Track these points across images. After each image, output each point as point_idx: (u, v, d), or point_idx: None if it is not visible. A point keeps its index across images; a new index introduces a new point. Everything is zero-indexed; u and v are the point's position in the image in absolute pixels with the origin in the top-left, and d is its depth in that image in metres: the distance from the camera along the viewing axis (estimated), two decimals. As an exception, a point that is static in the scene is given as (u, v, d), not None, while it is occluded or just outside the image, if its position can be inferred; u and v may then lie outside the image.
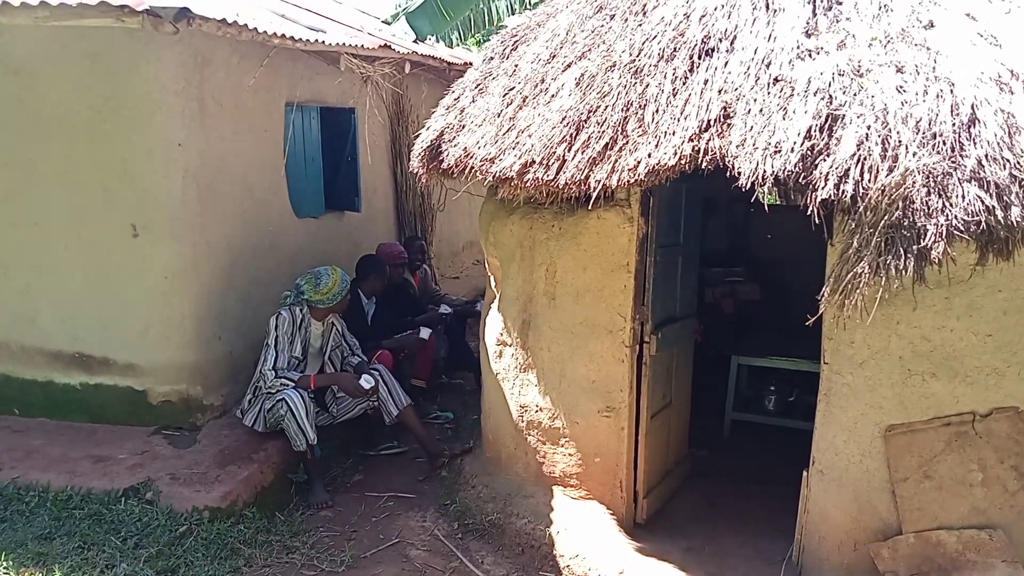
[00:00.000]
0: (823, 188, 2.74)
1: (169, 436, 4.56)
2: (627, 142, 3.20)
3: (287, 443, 4.41)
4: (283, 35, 4.30)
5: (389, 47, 5.51)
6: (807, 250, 3.88)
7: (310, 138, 5.88)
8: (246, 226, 5.04)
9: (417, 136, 4.23)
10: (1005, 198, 2.60)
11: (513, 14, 8.67)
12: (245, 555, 3.80)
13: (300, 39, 4.46)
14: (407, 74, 6.23)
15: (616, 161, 3.18)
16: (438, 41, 7.70)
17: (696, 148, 3.03)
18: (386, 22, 7.77)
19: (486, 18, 8.51)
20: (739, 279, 5.90)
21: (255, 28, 4.05)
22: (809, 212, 2.79)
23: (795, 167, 2.80)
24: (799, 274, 4.09)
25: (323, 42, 4.71)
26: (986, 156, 2.64)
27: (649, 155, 3.10)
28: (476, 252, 9.08)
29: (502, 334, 4.16)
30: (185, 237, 4.55)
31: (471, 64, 6.79)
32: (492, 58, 4.16)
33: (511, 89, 3.78)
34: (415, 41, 7.02)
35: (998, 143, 2.66)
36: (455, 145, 3.78)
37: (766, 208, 2.92)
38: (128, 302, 4.57)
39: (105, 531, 3.77)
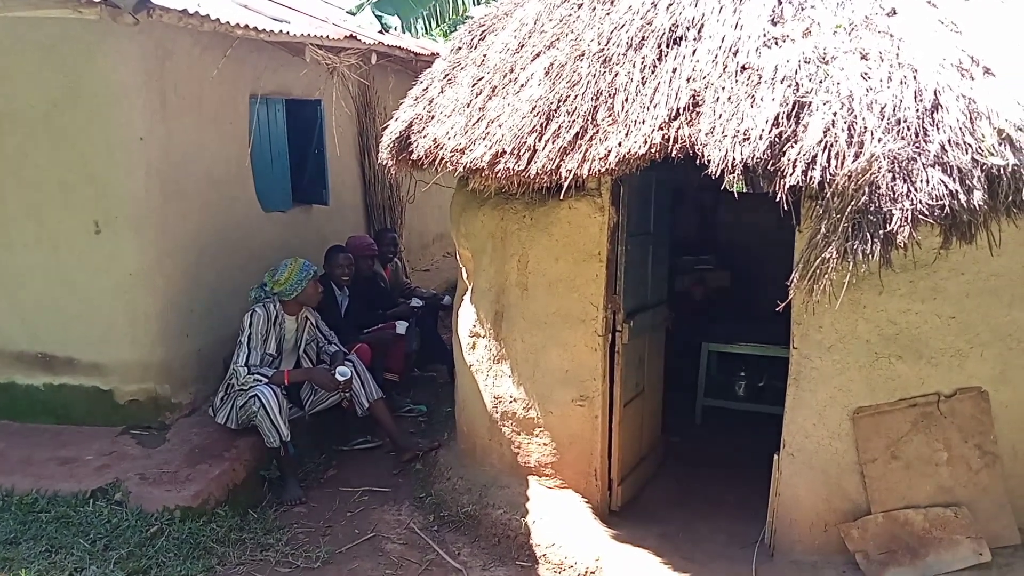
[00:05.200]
0: (791, 175, 2.77)
1: (137, 436, 4.48)
2: (597, 131, 3.20)
3: (259, 440, 4.36)
4: (246, 25, 4.23)
5: (355, 38, 5.45)
6: (774, 237, 3.94)
7: (276, 131, 5.81)
8: (212, 221, 4.96)
9: (385, 128, 4.19)
10: (968, 182, 2.65)
11: (478, 4, 8.65)
12: (218, 554, 3.76)
13: (264, 30, 4.40)
14: (373, 65, 6.17)
15: (587, 150, 3.18)
16: (404, 31, 7.63)
17: (666, 136, 3.04)
18: (351, 12, 7.68)
19: (451, 8, 8.45)
20: (708, 267, 5.96)
21: (217, 19, 3.98)
22: (778, 199, 2.82)
23: (764, 154, 2.83)
24: (767, 261, 4.13)
25: (287, 32, 4.65)
26: (949, 141, 2.69)
27: (620, 144, 3.10)
28: (446, 244, 9.05)
29: (475, 326, 4.15)
30: (149, 233, 4.47)
31: (438, 55, 6.74)
32: (460, 48, 4.14)
33: (480, 79, 3.76)
34: (381, 32, 6.95)
35: (960, 128, 2.71)
36: (425, 136, 3.76)
37: (736, 195, 2.94)
38: (92, 300, 4.48)
39: (73, 534, 3.70)
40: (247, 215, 5.40)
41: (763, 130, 2.85)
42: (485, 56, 3.89)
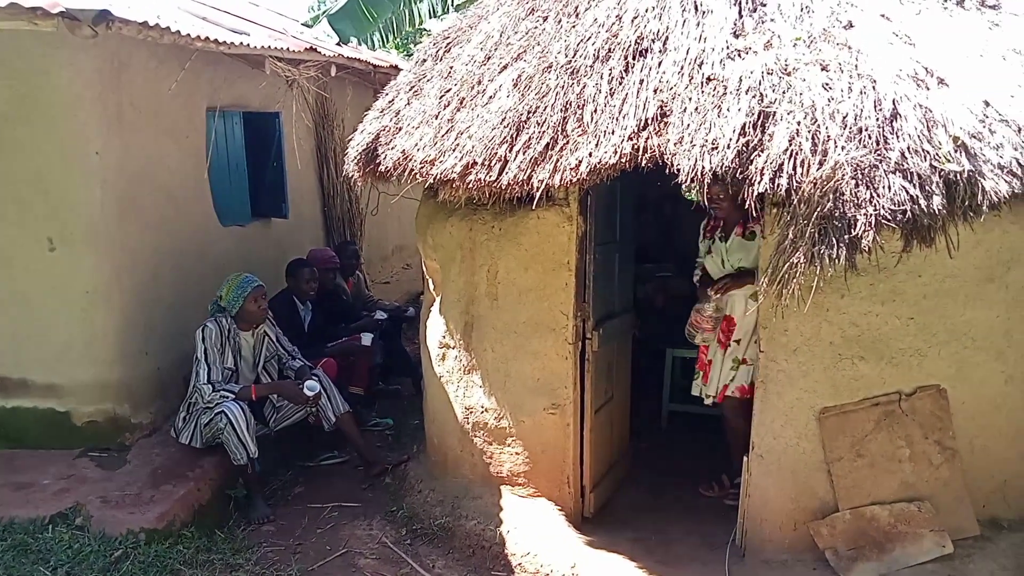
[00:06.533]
0: (759, 182, 2.84)
1: (96, 458, 4.35)
2: (568, 142, 3.24)
3: (223, 458, 4.28)
4: (206, 38, 4.17)
5: (315, 50, 5.42)
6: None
7: (233, 144, 5.73)
8: (169, 236, 4.87)
9: (349, 140, 4.18)
10: (927, 188, 2.76)
11: (435, 16, 8.67)
12: (186, 576, 3.67)
13: (224, 42, 4.34)
14: (332, 77, 6.13)
15: (558, 161, 3.21)
16: (360, 44, 7.60)
17: (635, 146, 3.10)
18: (306, 24, 7.62)
19: (407, 20, 8.45)
20: (669, 275, 6.04)
21: (178, 31, 3.92)
22: (747, 206, 2.89)
23: (732, 163, 2.90)
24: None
25: (247, 45, 4.59)
26: (908, 149, 2.80)
27: (590, 154, 3.15)
28: (406, 256, 9.02)
29: (444, 337, 4.15)
30: (105, 249, 4.37)
31: (396, 67, 6.76)
32: (425, 60, 4.15)
33: (447, 91, 3.77)
34: (338, 44, 6.92)
35: (918, 136, 2.82)
36: (392, 148, 3.75)
37: (706, 203, 3.02)
38: (46, 319, 4.35)
39: (32, 561, 3.56)
40: (205, 230, 5.32)
41: (730, 139, 2.92)
42: (452, 68, 3.91)
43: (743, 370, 3.94)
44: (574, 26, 3.63)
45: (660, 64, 3.30)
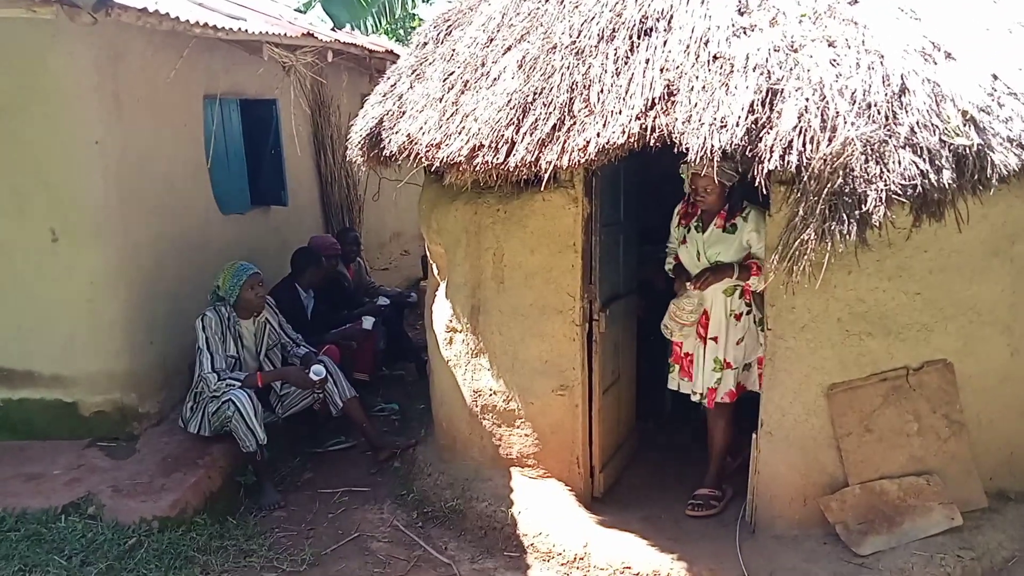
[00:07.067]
0: (769, 160, 2.85)
1: (105, 447, 4.36)
2: (575, 123, 3.23)
3: (232, 446, 4.29)
4: (205, 24, 4.15)
5: (312, 35, 5.39)
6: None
7: (231, 131, 5.70)
8: (170, 225, 4.85)
9: (351, 125, 4.17)
10: (937, 162, 2.77)
11: (426, 1, 8.63)
12: (201, 562, 3.68)
13: (223, 28, 4.33)
14: (328, 63, 6.10)
15: (565, 142, 3.20)
16: (353, 29, 7.56)
17: (643, 126, 3.09)
18: (299, 10, 7.57)
19: (400, 5, 8.41)
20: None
21: (176, 17, 3.90)
22: (757, 183, 2.90)
23: (741, 140, 2.89)
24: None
25: (246, 31, 4.57)
26: (917, 123, 2.81)
27: (598, 135, 3.14)
28: (404, 242, 9.01)
29: (451, 320, 4.15)
30: (109, 240, 4.35)
31: (392, 52, 6.73)
32: (426, 43, 4.13)
33: (451, 74, 3.75)
34: (333, 29, 6.88)
35: (927, 111, 2.83)
36: (397, 132, 3.74)
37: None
38: (51, 311, 4.34)
39: (47, 551, 3.58)
40: (206, 218, 5.30)
41: (739, 117, 2.92)
42: (454, 51, 3.89)
43: (728, 374, 3.86)
44: (577, 6, 3.62)
45: (665, 43, 3.29)
